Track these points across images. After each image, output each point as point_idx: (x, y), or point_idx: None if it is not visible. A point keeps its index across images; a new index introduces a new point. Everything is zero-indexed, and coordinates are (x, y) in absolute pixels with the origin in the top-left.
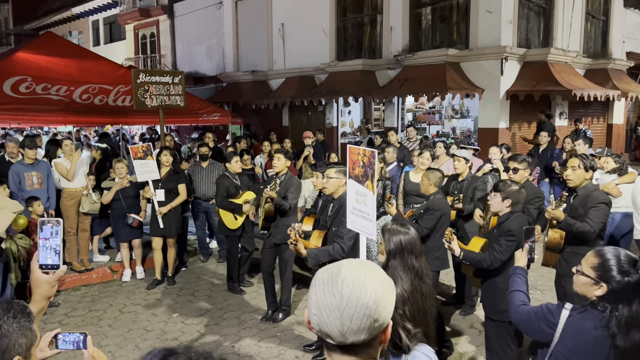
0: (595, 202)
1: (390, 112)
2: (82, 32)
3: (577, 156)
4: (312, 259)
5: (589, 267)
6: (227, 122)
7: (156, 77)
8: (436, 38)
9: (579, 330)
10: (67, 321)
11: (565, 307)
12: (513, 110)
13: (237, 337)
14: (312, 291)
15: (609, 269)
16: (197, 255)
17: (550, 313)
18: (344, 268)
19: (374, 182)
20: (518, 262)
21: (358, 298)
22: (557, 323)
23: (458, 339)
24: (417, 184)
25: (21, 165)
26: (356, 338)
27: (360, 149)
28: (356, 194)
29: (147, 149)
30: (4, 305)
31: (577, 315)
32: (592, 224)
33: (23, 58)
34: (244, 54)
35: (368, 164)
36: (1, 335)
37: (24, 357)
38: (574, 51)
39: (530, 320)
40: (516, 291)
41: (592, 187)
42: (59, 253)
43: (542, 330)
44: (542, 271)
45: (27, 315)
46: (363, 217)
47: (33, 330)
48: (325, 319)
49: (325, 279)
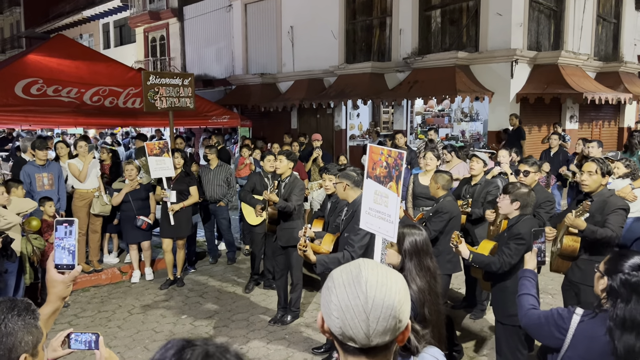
0: (614, 207)
1: (399, 115)
2: (92, 35)
3: (594, 160)
4: (321, 265)
5: (603, 262)
6: (236, 124)
7: (166, 79)
8: (446, 41)
9: (591, 336)
10: (76, 322)
11: (576, 313)
12: (523, 113)
13: (246, 339)
14: (331, 294)
15: (616, 265)
16: (205, 257)
17: (560, 318)
18: (364, 269)
19: (399, 184)
20: (527, 265)
21: (383, 299)
22: (568, 328)
23: (468, 343)
24: (427, 186)
25: (32, 166)
26: (381, 340)
27: (384, 149)
28: (375, 194)
29: (164, 145)
30: (8, 303)
31: (589, 320)
32: (613, 229)
33: (34, 60)
34: (253, 57)
35: (394, 165)
36: (7, 334)
37: (31, 354)
38: (584, 54)
39: (540, 325)
40: (525, 294)
41: (608, 192)
42: (73, 253)
43: (552, 335)
44: (552, 275)
45: (31, 312)
46: (382, 219)
47: (39, 327)
48: (350, 321)
49: (347, 280)
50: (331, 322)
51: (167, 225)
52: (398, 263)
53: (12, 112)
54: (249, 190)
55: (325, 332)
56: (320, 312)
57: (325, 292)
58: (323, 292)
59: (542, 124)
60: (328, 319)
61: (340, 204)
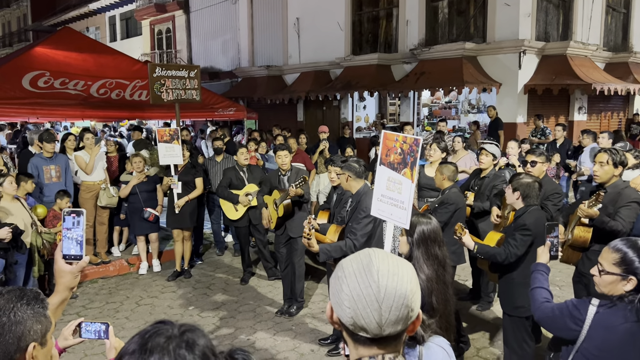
0: (627, 200)
1: (406, 106)
2: (99, 28)
3: (605, 151)
4: (324, 254)
5: (611, 265)
6: (242, 116)
7: (172, 71)
8: (453, 31)
9: (608, 327)
10: (84, 313)
11: (592, 303)
12: (531, 104)
13: (253, 330)
14: (342, 283)
15: (632, 260)
16: (212, 248)
17: (576, 309)
18: (374, 258)
19: (414, 170)
20: (540, 259)
21: (395, 288)
22: (584, 319)
23: (475, 334)
24: (431, 177)
25: (40, 159)
26: (393, 329)
27: (400, 135)
28: (388, 181)
29: (174, 132)
30: (17, 292)
31: (605, 311)
32: (623, 224)
33: (41, 53)
34: (259, 49)
35: (409, 151)
36: (16, 322)
37: (40, 343)
38: (593, 44)
39: (554, 318)
40: (538, 288)
41: (623, 184)
42: (81, 243)
43: (567, 327)
44: (560, 267)
45: (40, 301)
46: (394, 205)
47: (47, 316)
48: (362, 311)
49: (357, 269)
50: (342, 312)
51: (172, 216)
52: (407, 252)
53: (19, 105)
54: (225, 185)
55: (334, 322)
56: (329, 303)
57: (335, 281)
58: (332, 282)
59: (550, 115)
60: (338, 309)
61: (345, 196)
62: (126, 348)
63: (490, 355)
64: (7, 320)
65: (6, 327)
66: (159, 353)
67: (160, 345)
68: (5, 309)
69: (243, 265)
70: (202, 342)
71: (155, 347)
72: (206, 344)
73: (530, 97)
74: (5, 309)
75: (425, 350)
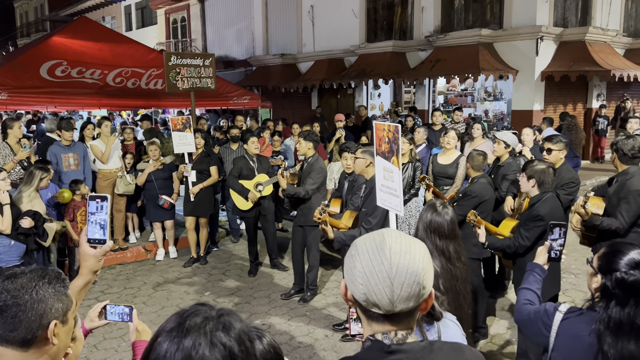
0: (627, 193)
1: (421, 94)
2: (115, 18)
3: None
4: (338, 242)
5: (596, 257)
6: (257, 105)
7: (187, 60)
8: (469, 18)
9: (574, 336)
10: (103, 298)
11: (559, 310)
12: (548, 91)
13: (268, 316)
14: (355, 261)
15: (611, 261)
16: (227, 236)
17: (546, 314)
18: (387, 236)
19: (398, 157)
20: (537, 259)
21: (407, 265)
22: (552, 325)
23: (489, 321)
24: (445, 165)
25: (58, 147)
26: (405, 306)
27: (385, 124)
28: (384, 170)
29: (187, 121)
30: (39, 272)
31: (573, 318)
32: (621, 220)
33: (58, 42)
34: (273, 37)
35: (392, 139)
36: (38, 300)
37: (61, 321)
38: (613, 30)
39: (530, 321)
40: (525, 289)
41: (630, 174)
42: (104, 228)
43: (540, 333)
44: (576, 255)
45: (62, 281)
46: (390, 194)
47: (68, 295)
48: (374, 287)
49: (370, 247)
50: (355, 288)
51: (188, 203)
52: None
53: (38, 93)
54: (235, 175)
55: (348, 299)
56: (343, 280)
57: (348, 259)
58: (346, 260)
59: (568, 102)
60: (352, 286)
61: (357, 182)
62: (164, 326)
63: (503, 342)
64: (29, 298)
65: (29, 304)
66: (195, 332)
67: (197, 325)
68: (27, 287)
69: (250, 257)
70: (238, 325)
71: (192, 327)
72: (242, 328)
73: (548, 84)
74: (28, 287)
75: (443, 327)
